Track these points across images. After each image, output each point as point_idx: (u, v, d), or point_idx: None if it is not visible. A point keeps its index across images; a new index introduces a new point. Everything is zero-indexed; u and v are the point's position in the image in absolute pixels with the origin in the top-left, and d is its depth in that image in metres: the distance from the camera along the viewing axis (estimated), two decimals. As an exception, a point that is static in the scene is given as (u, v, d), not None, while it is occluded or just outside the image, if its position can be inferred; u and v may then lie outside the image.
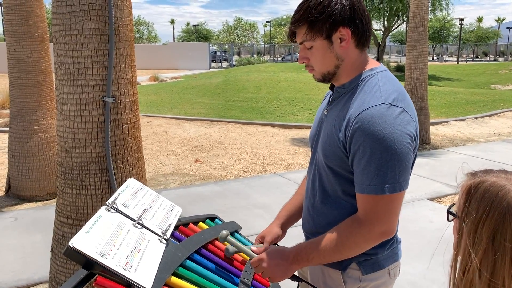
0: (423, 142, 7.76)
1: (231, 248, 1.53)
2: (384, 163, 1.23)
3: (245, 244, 1.61)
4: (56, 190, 2.37)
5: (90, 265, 1.18)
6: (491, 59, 52.02)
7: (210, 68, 32.98)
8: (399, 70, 25.76)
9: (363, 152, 1.26)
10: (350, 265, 1.42)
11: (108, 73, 2.17)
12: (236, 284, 1.48)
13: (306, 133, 8.45)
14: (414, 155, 1.35)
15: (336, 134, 1.35)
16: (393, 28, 29.05)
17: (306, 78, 13.14)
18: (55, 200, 4.57)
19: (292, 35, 1.44)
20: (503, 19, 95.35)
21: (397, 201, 1.28)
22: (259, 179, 5.67)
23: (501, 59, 52.78)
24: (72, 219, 2.27)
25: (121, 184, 2.34)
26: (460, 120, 9.86)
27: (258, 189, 5.28)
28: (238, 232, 1.81)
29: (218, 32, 57.51)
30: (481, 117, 10.21)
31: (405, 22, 28.13)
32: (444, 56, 58.38)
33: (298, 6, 1.40)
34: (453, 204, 0.96)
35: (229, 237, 1.50)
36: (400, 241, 1.55)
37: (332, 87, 1.50)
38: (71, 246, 1.15)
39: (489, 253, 0.84)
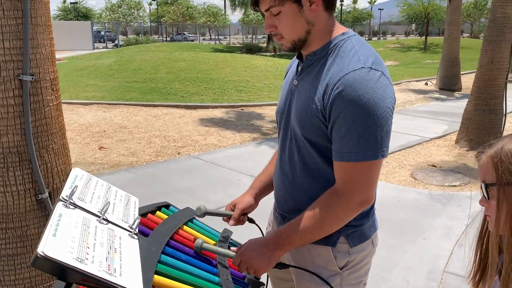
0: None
1: (199, 243, 1.39)
2: (366, 128, 1.18)
3: (210, 235, 1.54)
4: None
5: (66, 275, 0.97)
6: (366, 38, 56.43)
7: (94, 48, 30.79)
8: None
9: (344, 118, 1.20)
10: (339, 239, 1.38)
11: (24, 46, 1.81)
12: (213, 272, 1.36)
13: (213, 113, 8.32)
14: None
15: (312, 103, 1.27)
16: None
17: (204, 58, 12.91)
18: None
19: (254, 3, 1.31)
20: (374, 1, 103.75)
21: (376, 169, 1.25)
22: (174, 163, 5.44)
23: (375, 38, 57.53)
24: (-13, 223, 1.90)
25: (47, 177, 2.02)
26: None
27: (175, 173, 5.06)
28: (195, 218, 1.68)
29: (101, 11, 53.80)
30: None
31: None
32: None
33: None
34: (482, 183, 0.96)
35: (205, 245, 1.37)
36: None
37: (299, 56, 1.42)
38: (42, 254, 0.93)
39: None
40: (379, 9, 73.61)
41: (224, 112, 8.44)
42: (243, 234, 1.83)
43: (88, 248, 1.05)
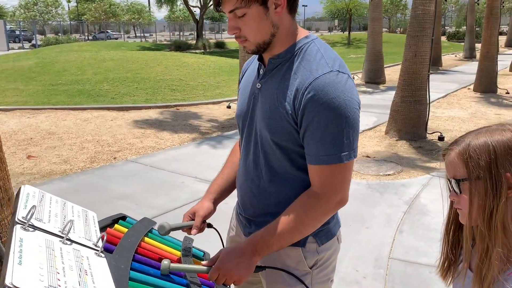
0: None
1: (166, 265, 1.30)
2: (340, 131, 1.21)
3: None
4: None
5: (38, 306, 0.89)
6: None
7: (9, 49, 28.62)
8: (218, 47, 26.59)
9: (317, 122, 1.21)
10: (308, 239, 1.39)
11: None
12: (183, 284, 1.33)
13: (148, 114, 8.08)
14: None
15: (282, 107, 1.27)
16: (210, 5, 29.65)
17: (133, 57, 12.50)
18: None
19: (218, 4, 1.28)
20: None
21: (350, 169, 1.28)
22: (111, 168, 5.21)
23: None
24: None
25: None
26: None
27: (114, 179, 4.85)
28: (154, 228, 1.62)
29: (14, 8, 50.08)
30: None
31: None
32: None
33: None
34: (452, 179, 1.01)
35: (173, 265, 1.30)
36: None
37: (260, 59, 1.41)
38: (11, 286, 0.85)
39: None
40: (303, 5, 75.51)
41: (159, 113, 8.24)
42: (201, 239, 1.80)
43: (58, 273, 0.98)
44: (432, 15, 6.26)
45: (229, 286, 1.39)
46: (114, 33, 50.24)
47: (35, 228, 1.11)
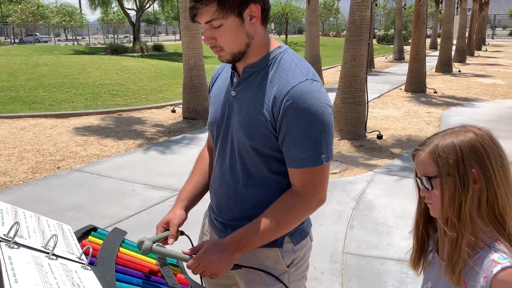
0: (207, 117, 8.21)
1: (148, 245, 1.34)
2: (318, 135, 1.30)
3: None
4: None
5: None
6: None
7: None
8: (156, 50, 26.09)
9: (297, 128, 1.29)
10: (284, 239, 1.46)
11: None
12: None
13: (89, 121, 7.80)
14: None
15: (260, 114, 1.34)
16: (146, 7, 29.04)
17: (69, 61, 11.99)
18: None
19: (194, 15, 1.32)
20: None
21: (328, 169, 1.38)
22: (56, 178, 5.00)
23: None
24: None
25: None
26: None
27: (60, 189, 4.66)
28: (126, 238, 1.63)
29: None
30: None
31: (156, 2, 28.46)
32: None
33: None
34: (423, 177, 1.12)
35: (155, 247, 1.33)
36: None
37: (233, 67, 1.46)
38: (15, 305, 0.84)
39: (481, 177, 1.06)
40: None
41: (100, 119, 7.99)
42: (171, 246, 1.81)
43: (54, 289, 0.97)
44: (368, 20, 6.61)
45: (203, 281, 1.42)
46: (43, 36, 47.67)
47: (19, 245, 1.09)
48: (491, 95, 11.18)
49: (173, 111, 8.75)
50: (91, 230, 1.61)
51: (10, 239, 1.07)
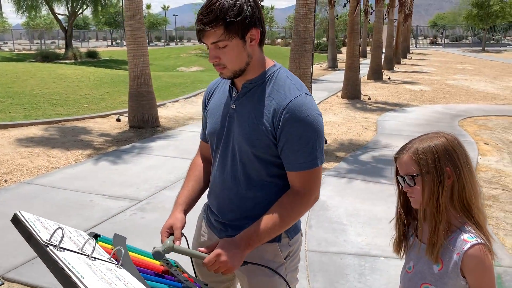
0: (155, 125, 8.20)
1: (168, 244, 1.48)
2: (314, 142, 1.52)
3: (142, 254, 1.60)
4: None
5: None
6: (164, 44, 57.24)
7: None
8: (90, 56, 25.23)
9: (296, 136, 1.51)
10: (282, 235, 1.66)
11: None
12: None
13: (31, 131, 7.49)
14: None
15: (262, 124, 1.54)
16: (79, 13, 28.00)
17: (0, 69, 11.36)
18: None
19: (202, 36, 1.49)
20: (168, 7, 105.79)
21: (321, 171, 1.61)
22: (5, 192, 4.82)
23: (173, 44, 58.75)
24: None
25: None
26: (174, 101, 10.79)
27: (11, 203, 4.51)
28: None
29: None
30: (189, 97, 11.46)
31: (90, 7, 27.55)
32: (124, 41, 60.33)
33: (207, 8, 1.45)
34: (407, 175, 1.37)
35: (176, 246, 1.47)
36: None
37: (232, 83, 1.65)
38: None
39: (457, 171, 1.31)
40: (173, 15, 75.36)
41: (43, 129, 7.71)
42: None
43: (111, 284, 1.10)
44: (312, 32, 7.00)
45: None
46: (-41, 40, 44.24)
47: (63, 249, 1.19)
48: (419, 100, 12.13)
49: (118, 120, 8.64)
50: (94, 236, 1.71)
51: (56, 244, 1.17)
